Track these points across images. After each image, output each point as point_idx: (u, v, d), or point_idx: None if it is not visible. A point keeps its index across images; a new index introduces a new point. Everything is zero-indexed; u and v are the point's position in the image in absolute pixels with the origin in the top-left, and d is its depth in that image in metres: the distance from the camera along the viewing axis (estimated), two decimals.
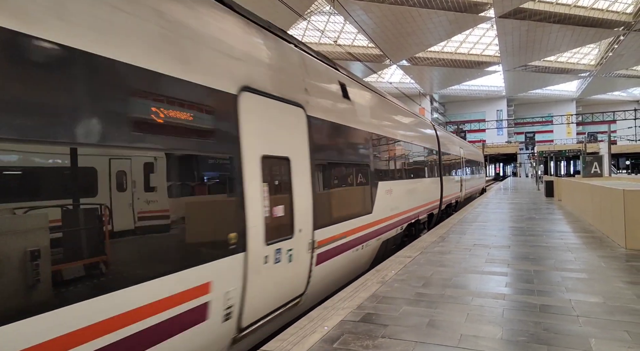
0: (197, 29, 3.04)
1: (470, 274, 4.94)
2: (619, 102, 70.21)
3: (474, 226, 9.26)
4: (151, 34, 2.61)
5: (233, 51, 3.40)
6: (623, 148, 54.02)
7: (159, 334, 2.51)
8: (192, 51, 2.92)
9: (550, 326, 3.26)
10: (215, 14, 3.39)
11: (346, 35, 45.38)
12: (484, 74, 58.97)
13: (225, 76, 3.22)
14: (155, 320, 2.47)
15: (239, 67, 3.41)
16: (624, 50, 44.86)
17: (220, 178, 3.26)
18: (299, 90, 4.37)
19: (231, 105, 3.24)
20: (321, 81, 5.16)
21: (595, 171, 16.56)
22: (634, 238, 6.29)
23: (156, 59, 2.60)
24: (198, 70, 2.94)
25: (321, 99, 4.93)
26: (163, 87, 2.66)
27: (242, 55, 3.51)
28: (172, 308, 2.58)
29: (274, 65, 4.00)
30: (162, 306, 2.51)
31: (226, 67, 3.27)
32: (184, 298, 2.67)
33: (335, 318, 3.57)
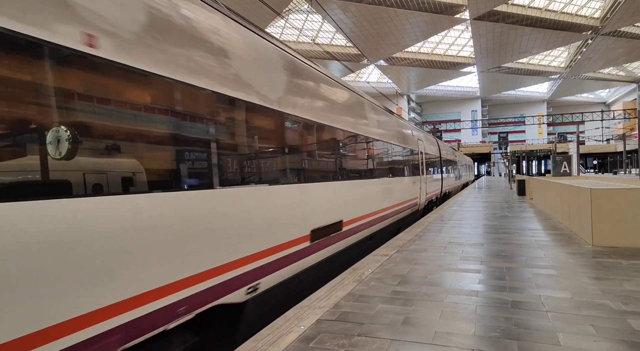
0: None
1: (445, 272, 5.03)
2: (587, 104, 72.82)
3: (449, 224, 9.43)
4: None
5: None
6: (591, 148, 56.15)
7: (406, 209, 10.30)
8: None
9: (520, 322, 3.35)
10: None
11: (324, 34, 45.41)
12: (459, 75, 60.12)
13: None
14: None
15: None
16: (591, 53, 46.53)
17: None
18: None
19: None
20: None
21: (565, 171, 17.12)
22: (600, 235, 6.53)
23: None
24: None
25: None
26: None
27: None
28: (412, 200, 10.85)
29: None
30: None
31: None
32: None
33: (312, 317, 3.57)
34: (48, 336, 2.10)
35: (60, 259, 2.16)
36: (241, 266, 3.64)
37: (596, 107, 67.96)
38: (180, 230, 2.96)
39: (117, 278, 2.48)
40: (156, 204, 2.78)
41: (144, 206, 2.68)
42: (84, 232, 2.28)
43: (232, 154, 3.71)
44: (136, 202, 2.63)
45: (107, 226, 2.41)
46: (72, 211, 2.24)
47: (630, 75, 60.31)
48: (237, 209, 3.64)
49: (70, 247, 2.21)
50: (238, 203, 3.67)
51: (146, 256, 2.67)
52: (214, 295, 3.29)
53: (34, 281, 2.05)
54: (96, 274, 2.35)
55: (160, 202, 2.82)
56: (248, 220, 3.78)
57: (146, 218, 2.70)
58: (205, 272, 3.18)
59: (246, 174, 3.93)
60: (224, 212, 3.47)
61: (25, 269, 2.02)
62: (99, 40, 2.42)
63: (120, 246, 2.49)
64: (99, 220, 2.37)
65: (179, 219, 2.95)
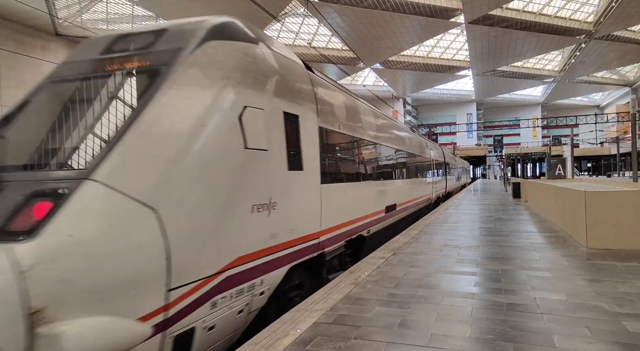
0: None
1: (441, 275, 5.04)
2: (581, 107, 73.33)
3: (445, 226, 9.46)
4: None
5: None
6: (585, 151, 56.52)
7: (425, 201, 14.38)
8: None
9: (516, 324, 3.36)
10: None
11: (320, 37, 45.54)
12: (454, 78, 60.40)
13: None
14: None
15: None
16: (585, 57, 46.92)
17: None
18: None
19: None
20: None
21: (559, 173, 17.21)
22: (594, 238, 6.57)
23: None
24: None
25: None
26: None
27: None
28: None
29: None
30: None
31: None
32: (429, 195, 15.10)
33: (309, 321, 3.57)
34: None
35: (350, 200, 6.62)
36: (366, 219, 7.42)
37: (590, 111, 68.48)
38: (355, 198, 6.93)
39: (346, 213, 6.40)
40: (360, 187, 7.26)
41: (346, 188, 6.53)
42: (344, 194, 6.35)
43: (367, 164, 7.89)
44: (342, 185, 6.40)
45: (346, 194, 6.42)
46: (355, 185, 6.99)
47: (624, 78, 60.85)
48: (366, 191, 7.71)
49: (354, 196, 6.87)
50: (367, 189, 7.75)
51: (347, 208, 6.51)
52: (358, 230, 6.98)
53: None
54: (361, 204, 7.17)
55: (366, 186, 7.62)
56: (369, 197, 7.85)
57: (344, 192, 6.39)
58: (356, 219, 6.88)
59: (368, 175, 7.89)
60: (366, 192, 7.70)
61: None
62: (340, 125, 6.34)
63: (345, 202, 6.40)
64: (346, 190, 6.43)
65: (363, 192, 7.41)
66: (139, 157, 2.97)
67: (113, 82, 3.52)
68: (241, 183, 3.59)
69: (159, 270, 2.77)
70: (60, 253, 2.36)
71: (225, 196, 3.41)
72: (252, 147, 3.73)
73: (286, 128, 4.42)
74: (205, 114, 3.37)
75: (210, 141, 3.33)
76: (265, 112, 4.02)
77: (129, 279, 2.61)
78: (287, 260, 4.38)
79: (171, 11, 34.20)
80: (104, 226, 2.60)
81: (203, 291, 3.15)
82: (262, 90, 4.07)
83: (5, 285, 2.12)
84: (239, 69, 3.84)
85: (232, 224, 3.48)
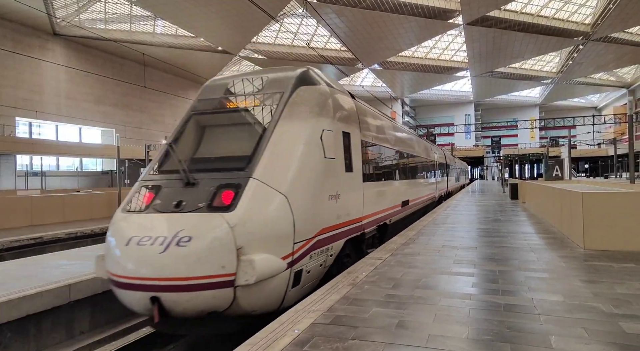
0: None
1: (439, 275, 5.05)
2: (578, 109, 73.57)
3: (443, 227, 9.47)
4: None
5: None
6: (582, 152, 56.62)
7: (430, 199, 16.25)
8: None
9: (513, 325, 3.37)
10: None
11: (319, 38, 45.54)
12: (452, 79, 60.53)
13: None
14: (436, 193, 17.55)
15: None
16: (582, 59, 47.08)
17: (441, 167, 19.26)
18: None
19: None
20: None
21: (557, 174, 17.27)
22: (591, 239, 6.59)
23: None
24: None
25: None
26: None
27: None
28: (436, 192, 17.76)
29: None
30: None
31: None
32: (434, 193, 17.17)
33: (306, 321, 3.57)
34: (380, 213, 8.29)
35: (379, 195, 8.30)
36: (389, 210, 9.06)
37: (587, 112, 68.69)
38: (382, 193, 8.53)
39: (377, 205, 8.06)
40: (387, 185, 9.19)
41: (384, 185, 8.80)
42: (375, 190, 8.07)
43: (390, 167, 9.66)
44: (382, 184, 8.72)
45: (377, 190, 8.17)
46: (382, 183, 8.75)
47: (621, 80, 61.08)
48: (390, 189, 9.37)
49: (382, 192, 8.55)
50: (390, 187, 9.41)
51: (381, 200, 8.40)
52: (384, 219, 8.51)
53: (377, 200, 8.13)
54: (386, 198, 8.91)
55: (389, 185, 9.39)
56: (391, 193, 9.48)
57: (380, 188, 8.45)
58: (383, 210, 8.44)
59: (391, 175, 9.65)
60: (390, 189, 9.32)
61: (377, 196, 8.10)
62: (373, 138, 8.28)
63: (376, 196, 8.06)
64: (377, 187, 8.15)
65: (387, 189, 9.09)
66: (274, 165, 4.76)
67: (251, 114, 5.44)
68: (323, 181, 5.39)
69: (290, 231, 4.55)
70: (246, 218, 4.20)
71: (317, 188, 5.22)
72: (328, 157, 5.56)
73: (343, 143, 6.26)
74: (304, 136, 5.23)
75: (308, 154, 5.18)
76: (333, 133, 5.87)
77: (277, 234, 4.43)
78: (345, 235, 6.16)
79: (169, 11, 34.12)
80: (263, 204, 4.42)
81: (307, 247, 4.91)
82: (331, 118, 5.91)
83: (225, 234, 4.03)
84: (318, 105, 5.69)
85: (320, 207, 5.27)
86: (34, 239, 11.41)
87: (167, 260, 3.89)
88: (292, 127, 5.17)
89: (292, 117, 5.25)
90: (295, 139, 5.12)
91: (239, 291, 4.04)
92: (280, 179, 4.66)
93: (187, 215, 4.23)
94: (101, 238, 12.80)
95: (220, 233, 4.03)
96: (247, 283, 3.98)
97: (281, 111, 5.24)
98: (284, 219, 4.51)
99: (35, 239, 11.44)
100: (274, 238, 4.39)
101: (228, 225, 4.06)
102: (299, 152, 5.04)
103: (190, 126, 5.56)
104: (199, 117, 5.66)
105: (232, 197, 4.35)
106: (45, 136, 38.37)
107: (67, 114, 38.47)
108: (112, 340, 5.57)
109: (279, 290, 4.52)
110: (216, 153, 5.12)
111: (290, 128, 5.14)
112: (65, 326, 5.46)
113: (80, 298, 5.59)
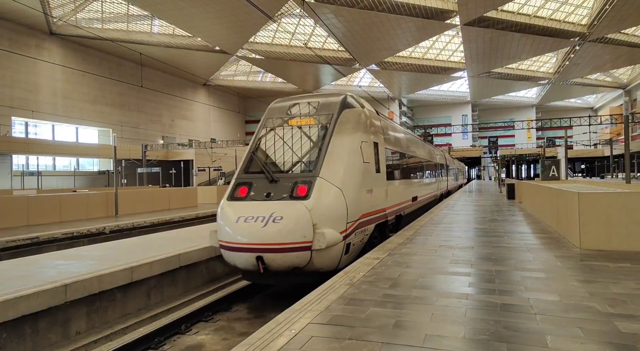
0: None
1: (436, 275, 5.06)
2: (575, 109, 73.77)
3: (440, 227, 9.49)
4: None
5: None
6: (579, 153, 56.90)
7: (433, 196, 18.02)
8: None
9: (510, 325, 3.38)
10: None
11: (316, 38, 45.52)
12: (450, 79, 60.60)
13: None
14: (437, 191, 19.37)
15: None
16: (579, 59, 47.24)
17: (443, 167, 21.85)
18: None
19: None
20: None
21: (553, 175, 17.30)
22: (587, 239, 6.62)
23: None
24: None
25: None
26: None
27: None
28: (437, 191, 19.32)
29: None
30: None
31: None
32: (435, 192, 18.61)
33: (303, 321, 3.57)
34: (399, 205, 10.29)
35: (397, 191, 10.12)
36: (403, 204, 10.74)
37: (584, 113, 68.90)
38: (399, 190, 10.42)
39: (396, 199, 9.88)
40: (402, 184, 11.00)
41: (399, 183, 10.64)
42: (400, 185, 10.64)
43: (404, 169, 11.43)
44: (397, 182, 10.42)
45: (396, 188, 10.07)
46: (399, 181, 10.65)
47: (617, 81, 61.33)
48: (404, 186, 11.15)
49: (399, 189, 10.47)
50: (405, 185, 11.25)
51: (399, 193, 10.41)
52: (400, 211, 10.33)
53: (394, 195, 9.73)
54: (401, 194, 10.64)
55: (403, 183, 11.16)
56: (405, 190, 11.22)
57: (399, 185, 10.56)
58: (400, 203, 10.29)
59: (405, 175, 11.41)
60: (404, 187, 11.19)
61: (395, 192, 9.99)
62: (392, 145, 10.14)
63: (396, 192, 9.95)
64: (396, 185, 10.14)
65: (402, 187, 10.89)
66: (331, 167, 6.65)
67: (312, 130, 7.29)
68: (363, 179, 7.31)
69: (344, 213, 6.48)
70: (317, 204, 6.08)
71: (359, 184, 7.14)
72: (365, 161, 7.50)
73: (374, 150, 8.16)
74: (349, 146, 7.16)
75: (353, 159, 7.13)
76: (367, 143, 7.78)
77: (336, 216, 6.33)
78: (375, 220, 8.07)
79: (167, 11, 34.04)
80: (327, 195, 6.34)
81: (353, 226, 6.80)
82: (366, 132, 7.86)
83: (305, 214, 5.93)
84: (357, 123, 7.64)
85: (361, 198, 7.18)
86: (30, 239, 11.36)
87: (268, 232, 5.81)
88: (341, 140, 7.05)
89: (340, 133, 7.14)
90: (344, 148, 7.04)
91: (314, 253, 5.96)
92: (336, 178, 6.59)
93: (276, 202, 6.22)
94: (97, 239, 12.78)
95: (302, 213, 5.96)
96: (319, 248, 5.90)
97: (333, 128, 7.12)
98: (341, 205, 6.45)
99: (31, 239, 11.39)
100: (335, 218, 6.30)
101: (306, 209, 6.00)
102: (347, 158, 7.00)
103: (264, 138, 7.50)
104: (271, 132, 7.53)
105: (306, 190, 6.28)
106: (42, 135, 38.21)
107: (64, 114, 38.33)
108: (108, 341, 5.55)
109: (337, 255, 6.36)
110: (289, 159, 7.03)
111: (340, 141, 7.03)
112: (61, 326, 5.44)
113: (77, 298, 5.57)
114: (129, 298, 6.45)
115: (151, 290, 6.87)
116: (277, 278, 6.13)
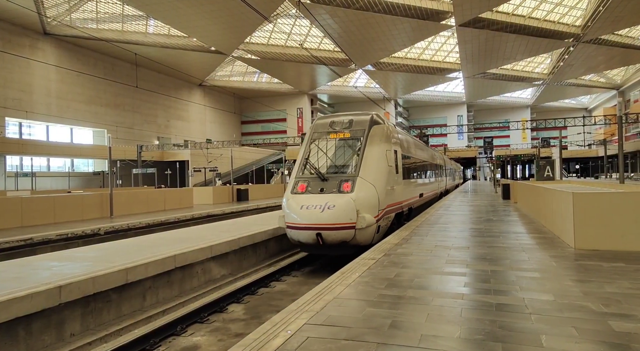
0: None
1: (432, 275, 5.07)
2: (569, 110, 74.27)
3: (435, 227, 9.52)
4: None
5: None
6: (573, 153, 57.28)
7: (434, 195, 20.32)
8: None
9: (505, 324, 3.40)
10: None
11: (312, 39, 45.54)
12: (445, 80, 60.83)
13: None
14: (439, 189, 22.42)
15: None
16: (573, 60, 47.55)
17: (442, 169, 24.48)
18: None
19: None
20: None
21: (548, 175, 17.40)
22: (582, 239, 6.66)
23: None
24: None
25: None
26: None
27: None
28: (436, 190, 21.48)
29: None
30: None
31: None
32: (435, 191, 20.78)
33: (299, 322, 3.56)
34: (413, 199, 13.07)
35: (409, 189, 12.30)
36: (413, 199, 12.95)
37: (578, 113, 69.41)
38: (410, 187, 12.62)
39: (408, 195, 12.07)
40: (412, 183, 13.34)
41: (411, 183, 13.14)
42: (408, 185, 12.28)
43: (414, 170, 14.02)
44: (409, 182, 12.75)
45: (408, 185, 12.49)
46: (410, 181, 12.87)
47: (611, 82, 61.79)
48: (414, 185, 13.54)
49: (410, 187, 12.69)
50: (414, 184, 13.72)
51: (413, 189, 13.10)
52: (410, 204, 12.44)
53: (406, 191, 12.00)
54: (412, 191, 12.90)
55: (413, 182, 13.55)
56: (415, 188, 13.51)
57: (413, 183, 13.49)
58: (411, 198, 12.53)
59: (415, 176, 13.97)
60: (414, 185, 13.55)
61: (410, 190, 12.56)
62: (406, 151, 12.35)
63: (408, 189, 12.19)
64: (408, 183, 12.59)
65: (412, 185, 13.18)
66: (367, 170, 8.84)
67: (350, 142, 9.40)
68: (388, 178, 9.36)
69: (377, 203, 8.68)
70: (359, 196, 8.38)
71: (385, 182, 9.18)
72: (389, 165, 9.55)
73: (394, 156, 10.19)
74: (378, 154, 9.26)
75: (382, 163, 9.27)
76: (390, 151, 9.79)
77: (372, 204, 8.55)
78: (395, 210, 10.12)
79: (162, 11, 33.92)
80: (365, 189, 8.58)
81: (382, 214, 8.90)
82: (389, 143, 9.91)
83: (351, 203, 8.24)
84: (383, 136, 9.68)
85: (387, 193, 9.22)
86: (24, 240, 11.27)
87: (324, 215, 7.99)
88: (372, 149, 9.18)
89: (371, 144, 9.24)
90: (374, 155, 9.18)
91: (357, 231, 8.09)
92: (370, 177, 8.76)
93: (329, 195, 8.43)
94: (92, 240, 12.72)
95: (349, 203, 8.14)
96: (361, 227, 8.06)
97: (366, 140, 9.22)
98: (374, 198, 8.61)
99: (25, 240, 11.30)
100: (371, 206, 8.45)
101: (352, 200, 8.19)
102: (377, 163, 9.14)
103: (314, 147, 9.55)
104: (318, 143, 9.61)
105: (350, 186, 8.50)
106: (36, 136, 37.95)
107: (58, 114, 38.07)
108: (103, 342, 5.52)
109: (372, 233, 8.45)
110: (335, 163, 9.19)
111: (371, 150, 9.16)
112: (55, 328, 5.40)
113: (71, 300, 5.53)
114: (124, 300, 6.42)
115: (146, 291, 6.84)
116: (330, 249, 8.23)
